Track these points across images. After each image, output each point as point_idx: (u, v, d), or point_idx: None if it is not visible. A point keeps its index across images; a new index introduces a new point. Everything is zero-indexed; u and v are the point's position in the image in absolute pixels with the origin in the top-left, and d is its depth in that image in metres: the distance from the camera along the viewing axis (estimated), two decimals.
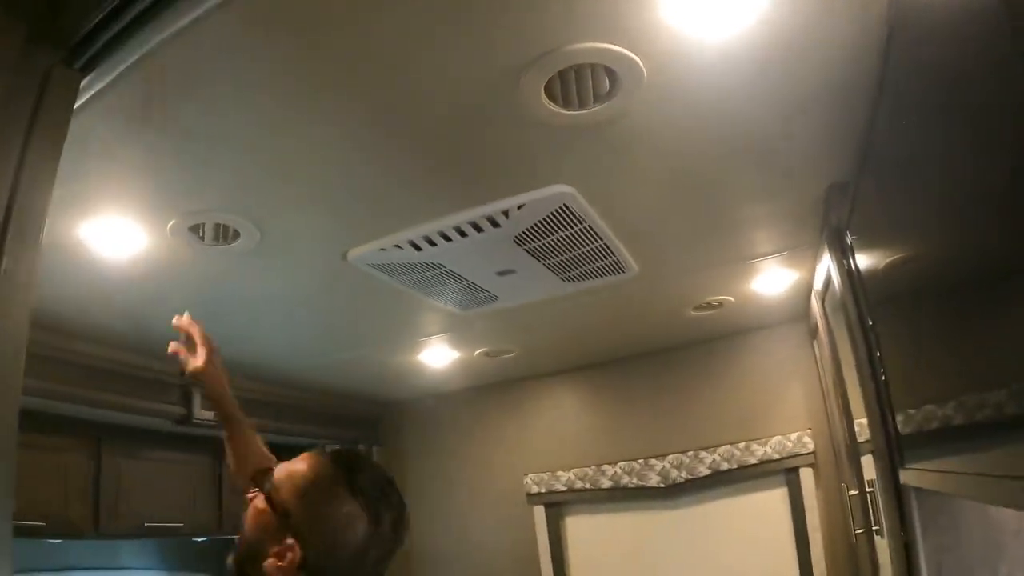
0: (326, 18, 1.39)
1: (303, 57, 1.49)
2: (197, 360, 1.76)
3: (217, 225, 2.17)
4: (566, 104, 1.68)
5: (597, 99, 1.67)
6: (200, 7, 1.27)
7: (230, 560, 1.33)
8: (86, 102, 1.46)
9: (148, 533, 3.40)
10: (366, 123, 1.72)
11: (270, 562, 1.24)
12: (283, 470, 1.34)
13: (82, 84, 1.34)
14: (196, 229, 2.17)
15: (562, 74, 1.59)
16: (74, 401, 2.98)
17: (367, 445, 4.55)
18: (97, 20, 1.13)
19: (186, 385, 3.28)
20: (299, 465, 1.34)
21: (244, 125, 1.71)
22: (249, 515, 1.32)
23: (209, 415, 3.45)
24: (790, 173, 2.14)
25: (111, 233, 2.14)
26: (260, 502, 1.31)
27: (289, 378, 3.91)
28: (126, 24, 1.17)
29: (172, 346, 1.77)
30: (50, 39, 1.14)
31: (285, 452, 4.25)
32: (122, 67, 1.37)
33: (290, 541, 1.24)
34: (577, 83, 1.63)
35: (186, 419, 3.41)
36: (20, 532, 2.87)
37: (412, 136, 1.79)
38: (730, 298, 3.10)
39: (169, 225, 2.12)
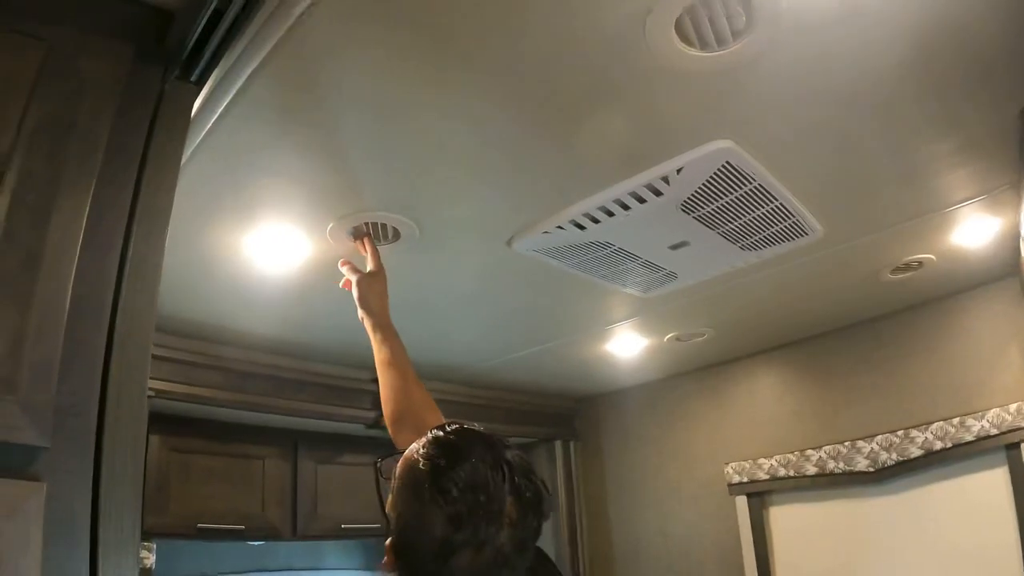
0: None
1: (420, 39, 1.45)
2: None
3: (375, 225, 2.20)
4: (702, 45, 1.51)
5: (736, 36, 1.49)
6: (295, 8, 1.27)
7: None
8: (221, 114, 1.54)
9: (345, 534, 3.53)
10: (501, 100, 1.66)
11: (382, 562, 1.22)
12: (402, 458, 1.26)
13: (207, 96, 1.41)
14: (355, 231, 2.21)
15: (691, 12, 1.43)
16: (269, 411, 3.18)
17: (564, 441, 4.51)
18: (197, 35, 1.19)
19: None
20: (408, 453, 1.25)
21: (381, 120, 1.71)
22: None
23: None
24: (971, 96, 1.79)
25: (275, 243, 2.24)
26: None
27: (476, 378, 3.96)
28: (224, 34, 1.22)
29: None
30: (159, 57, 1.21)
31: None
32: (242, 76, 1.43)
33: (387, 543, 1.22)
34: (711, 20, 1.45)
35: (377, 422, 3.49)
36: (221, 535, 3.05)
37: (549, 108, 1.70)
38: (930, 256, 2.72)
39: (328, 229, 2.16)
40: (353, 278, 2.10)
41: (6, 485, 0.86)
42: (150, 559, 2.80)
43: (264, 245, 2.22)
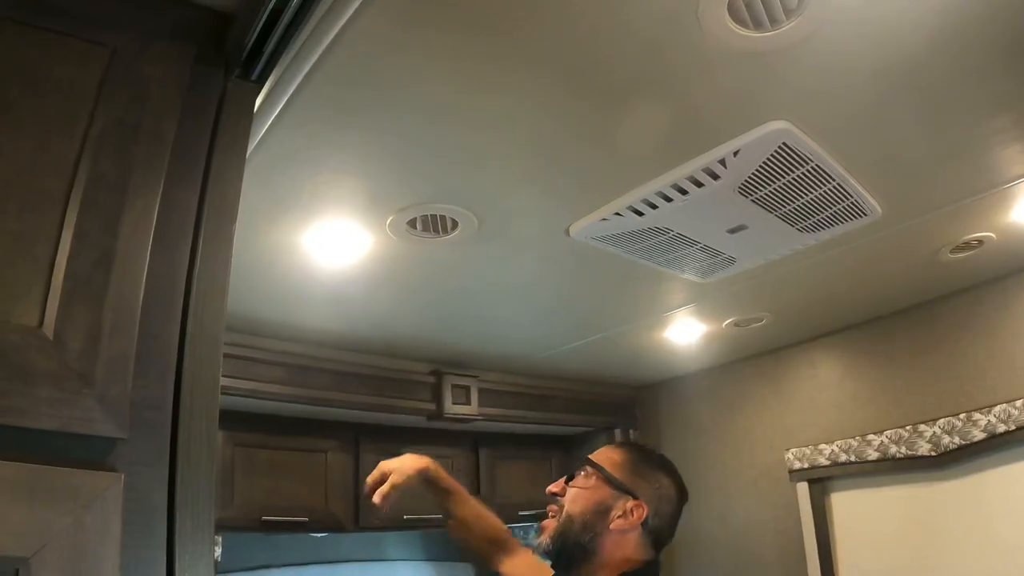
0: None
1: (475, 33, 1.46)
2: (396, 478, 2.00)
3: (434, 217, 2.22)
4: (756, 26, 1.49)
5: (788, 15, 1.46)
6: (350, 5, 1.29)
7: (548, 541, 1.62)
8: (281, 111, 1.56)
9: (407, 525, 3.56)
10: (555, 89, 1.65)
11: (618, 521, 1.55)
12: (604, 459, 1.67)
13: (267, 95, 1.42)
14: (414, 223, 2.24)
15: None
16: (330, 404, 3.23)
17: (624, 430, 4.50)
18: (256, 34, 1.20)
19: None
20: (614, 454, 1.69)
21: (436, 114, 1.72)
22: (578, 496, 1.62)
23: (460, 409, 3.57)
24: (1017, 71, 1.72)
25: (335, 238, 2.28)
26: (587, 484, 1.63)
27: (535, 368, 3.97)
28: (283, 32, 1.22)
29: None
30: (220, 58, 1.23)
31: (542, 443, 4.31)
32: (301, 73, 1.45)
33: (633, 502, 1.56)
34: (763, 0, 1.43)
35: (438, 414, 3.53)
36: (285, 527, 3.12)
37: (603, 95, 1.70)
38: (990, 234, 2.64)
39: (388, 223, 2.19)
40: (397, 485, 1.99)
41: (86, 476, 0.88)
42: (216, 551, 2.87)
43: (324, 241, 2.26)
